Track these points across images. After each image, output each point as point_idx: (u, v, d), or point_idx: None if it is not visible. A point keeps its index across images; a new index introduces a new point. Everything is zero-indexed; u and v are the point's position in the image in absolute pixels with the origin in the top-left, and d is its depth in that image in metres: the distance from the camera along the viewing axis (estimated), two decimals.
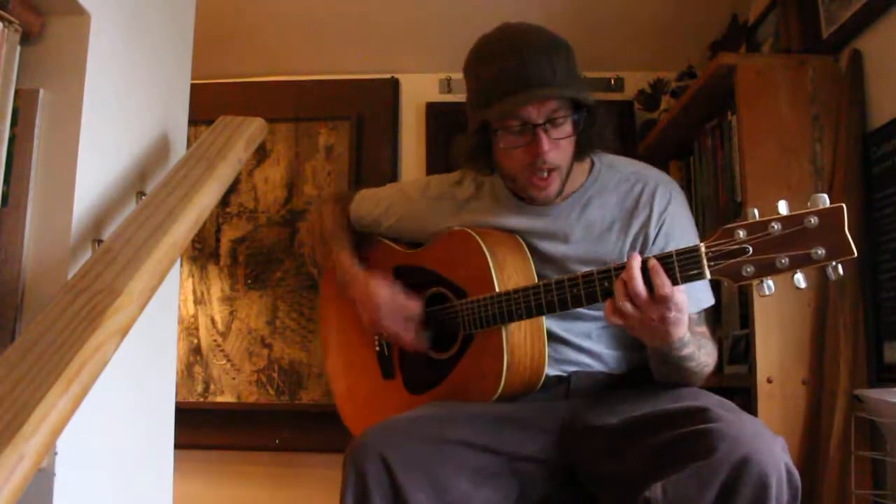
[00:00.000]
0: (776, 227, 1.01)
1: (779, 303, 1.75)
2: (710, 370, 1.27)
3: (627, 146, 2.66)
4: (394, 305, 1.42)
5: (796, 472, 1.00)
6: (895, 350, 1.62)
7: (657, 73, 2.67)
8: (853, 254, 0.97)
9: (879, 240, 1.67)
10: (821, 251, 0.98)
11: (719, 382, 1.97)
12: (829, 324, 1.69)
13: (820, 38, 1.90)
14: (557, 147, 1.27)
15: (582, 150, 1.33)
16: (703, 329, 1.32)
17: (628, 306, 1.10)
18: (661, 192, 1.35)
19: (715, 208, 2.13)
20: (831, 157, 1.78)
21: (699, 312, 1.32)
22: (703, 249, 1.06)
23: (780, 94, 1.83)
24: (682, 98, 2.25)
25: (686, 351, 1.18)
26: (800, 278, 1.01)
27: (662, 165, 2.48)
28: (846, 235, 0.97)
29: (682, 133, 2.37)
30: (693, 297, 1.22)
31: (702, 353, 1.23)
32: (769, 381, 1.72)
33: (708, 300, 1.34)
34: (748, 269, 1.03)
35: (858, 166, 1.72)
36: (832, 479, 1.59)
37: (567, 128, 1.27)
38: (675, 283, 1.09)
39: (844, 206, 0.98)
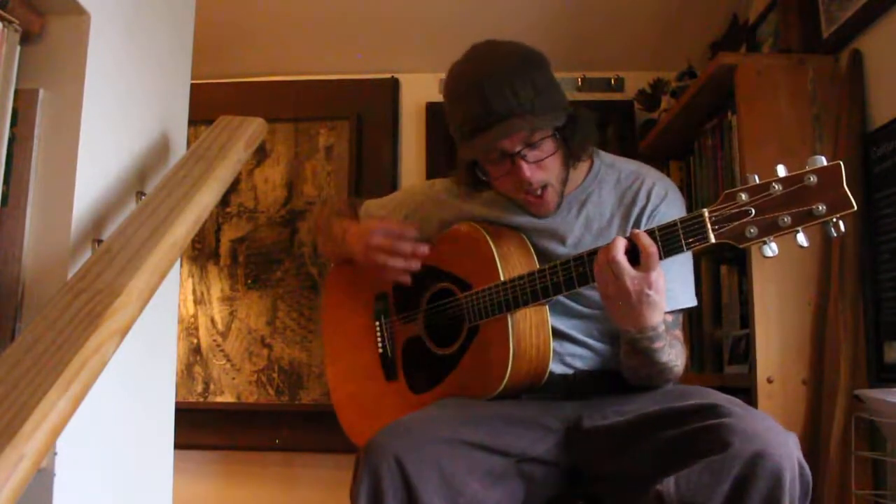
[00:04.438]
0: (777, 187, 1.03)
1: (779, 303, 1.75)
2: (679, 372, 1.28)
3: (627, 146, 2.66)
4: (384, 226, 1.43)
5: (808, 468, 1.01)
6: (895, 350, 1.62)
7: (657, 73, 2.67)
8: (853, 207, 0.99)
9: (879, 240, 1.67)
10: (822, 207, 1.01)
11: (719, 382, 1.97)
12: (829, 324, 1.69)
13: (820, 38, 1.90)
14: (541, 167, 1.28)
15: (572, 157, 1.33)
16: (678, 333, 1.32)
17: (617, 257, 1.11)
18: (658, 190, 1.36)
19: None
20: (831, 157, 1.77)
21: (675, 314, 1.32)
22: (706, 214, 1.07)
23: (780, 94, 1.83)
24: (682, 98, 2.25)
25: (657, 344, 1.19)
26: (802, 238, 1.03)
27: (662, 165, 2.49)
28: (845, 190, 1.00)
29: (682, 133, 2.37)
30: (670, 294, 1.23)
31: (672, 351, 1.24)
32: (769, 380, 1.72)
33: (687, 300, 1.34)
34: (751, 231, 1.05)
35: (858, 166, 1.71)
36: (832, 479, 1.59)
37: (547, 147, 1.27)
38: (680, 250, 1.10)
39: (842, 162, 1.01)
